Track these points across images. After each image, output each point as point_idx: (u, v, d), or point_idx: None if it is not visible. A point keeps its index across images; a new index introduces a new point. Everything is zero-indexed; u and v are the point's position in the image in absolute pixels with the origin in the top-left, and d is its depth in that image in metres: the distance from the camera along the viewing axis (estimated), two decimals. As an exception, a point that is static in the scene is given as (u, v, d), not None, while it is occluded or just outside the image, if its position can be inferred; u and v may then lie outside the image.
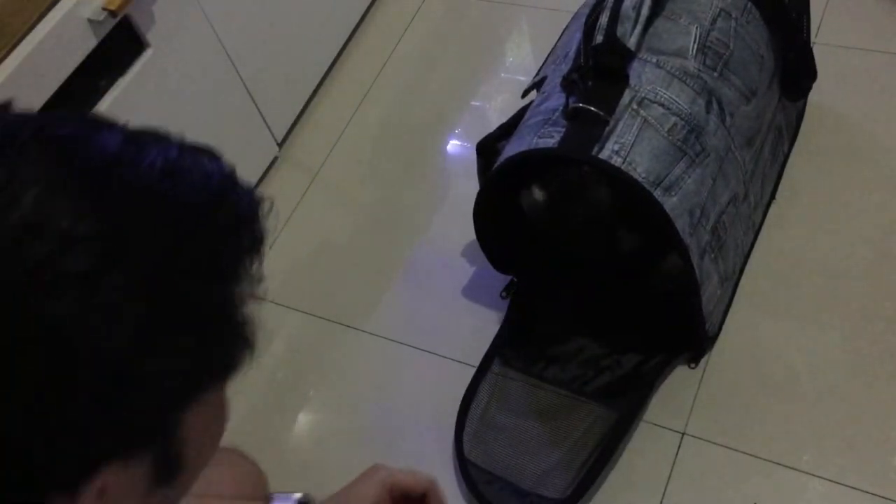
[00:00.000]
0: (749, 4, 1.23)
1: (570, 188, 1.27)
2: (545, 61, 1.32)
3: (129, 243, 0.45)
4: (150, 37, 1.28)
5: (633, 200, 1.09)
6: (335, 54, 1.82)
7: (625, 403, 1.24)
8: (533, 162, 1.14)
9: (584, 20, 1.20)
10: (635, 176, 1.06)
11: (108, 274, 0.44)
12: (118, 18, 1.19)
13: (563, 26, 1.36)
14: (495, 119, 1.31)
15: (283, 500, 0.92)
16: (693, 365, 1.27)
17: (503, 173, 1.17)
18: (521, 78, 1.67)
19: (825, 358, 1.23)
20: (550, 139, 1.11)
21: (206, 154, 0.50)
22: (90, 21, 1.17)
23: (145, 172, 0.47)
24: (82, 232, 0.43)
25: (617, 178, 1.07)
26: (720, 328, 1.28)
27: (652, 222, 1.09)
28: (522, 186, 1.29)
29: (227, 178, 0.50)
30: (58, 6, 1.14)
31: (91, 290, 0.44)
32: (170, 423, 0.52)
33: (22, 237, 0.43)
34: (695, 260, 1.11)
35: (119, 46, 1.24)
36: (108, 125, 0.49)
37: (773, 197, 1.39)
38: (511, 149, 1.17)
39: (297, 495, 0.93)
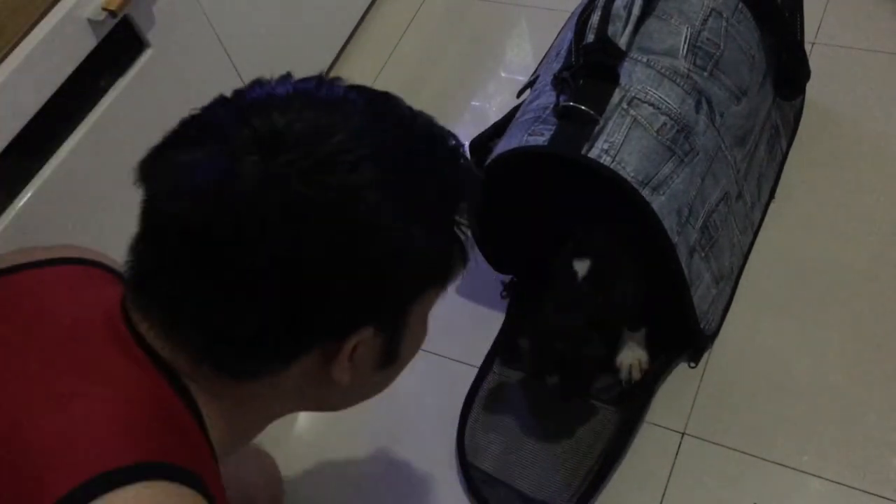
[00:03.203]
0: (740, 4, 1.23)
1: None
2: (541, 61, 1.32)
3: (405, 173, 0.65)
4: (150, 37, 1.28)
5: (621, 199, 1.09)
6: (335, 54, 1.82)
7: (629, 405, 1.24)
8: (524, 160, 1.14)
9: (576, 19, 1.20)
10: (624, 175, 1.06)
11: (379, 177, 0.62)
12: (118, 18, 1.19)
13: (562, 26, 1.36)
14: (495, 119, 1.31)
15: None
16: (693, 364, 1.27)
17: (494, 171, 1.17)
18: (521, 78, 1.67)
19: (825, 358, 1.23)
20: (541, 137, 1.11)
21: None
22: (90, 21, 1.16)
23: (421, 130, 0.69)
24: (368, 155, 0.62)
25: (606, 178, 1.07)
26: (719, 327, 1.28)
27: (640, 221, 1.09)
28: (517, 184, 1.29)
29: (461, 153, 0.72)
30: (58, 6, 1.14)
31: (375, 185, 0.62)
32: (406, 305, 0.69)
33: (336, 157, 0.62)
34: (683, 259, 1.11)
35: (119, 46, 1.24)
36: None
37: (772, 196, 1.39)
38: (501, 146, 1.17)
39: None
